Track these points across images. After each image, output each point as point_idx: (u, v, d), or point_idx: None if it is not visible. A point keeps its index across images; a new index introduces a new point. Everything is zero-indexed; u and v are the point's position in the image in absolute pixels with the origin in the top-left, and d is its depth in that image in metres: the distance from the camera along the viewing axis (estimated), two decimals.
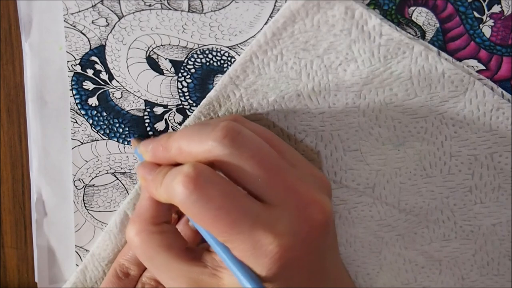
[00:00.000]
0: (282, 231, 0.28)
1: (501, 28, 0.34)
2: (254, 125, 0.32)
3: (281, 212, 0.28)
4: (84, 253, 0.37)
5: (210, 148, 0.28)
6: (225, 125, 0.29)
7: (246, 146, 0.28)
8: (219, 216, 0.27)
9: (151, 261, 0.31)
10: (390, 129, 0.34)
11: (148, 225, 0.32)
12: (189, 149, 0.29)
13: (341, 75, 0.33)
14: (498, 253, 0.37)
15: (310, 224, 0.28)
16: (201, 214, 0.28)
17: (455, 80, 0.33)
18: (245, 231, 0.27)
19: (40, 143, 0.35)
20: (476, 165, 0.35)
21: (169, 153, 0.31)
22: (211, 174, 0.28)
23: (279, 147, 0.30)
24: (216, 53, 0.34)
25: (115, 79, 0.35)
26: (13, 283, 0.38)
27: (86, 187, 0.36)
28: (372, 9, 0.34)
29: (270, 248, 0.27)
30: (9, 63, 0.35)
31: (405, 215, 0.36)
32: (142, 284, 0.35)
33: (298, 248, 0.28)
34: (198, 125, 0.30)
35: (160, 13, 0.34)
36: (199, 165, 0.28)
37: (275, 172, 0.29)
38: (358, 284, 0.37)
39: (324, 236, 0.29)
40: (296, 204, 0.28)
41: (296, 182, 0.29)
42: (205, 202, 0.27)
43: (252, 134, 0.29)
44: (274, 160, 0.29)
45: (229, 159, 0.28)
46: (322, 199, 0.29)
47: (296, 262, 0.28)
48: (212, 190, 0.27)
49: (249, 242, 0.27)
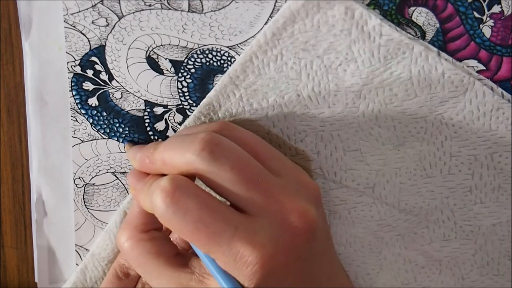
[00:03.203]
0: (262, 241, 0.28)
1: (501, 28, 0.34)
2: (243, 131, 0.32)
3: (261, 222, 0.28)
4: (84, 252, 0.37)
5: (189, 161, 0.28)
6: (203, 137, 0.29)
7: (225, 157, 0.28)
8: (197, 229, 0.28)
9: (141, 267, 0.31)
10: (390, 129, 0.34)
11: (137, 232, 0.32)
12: (172, 161, 0.29)
13: (341, 75, 0.33)
14: (498, 253, 0.37)
15: (292, 232, 0.28)
16: (180, 227, 0.28)
17: (455, 81, 0.33)
18: (225, 243, 0.27)
19: (40, 143, 0.35)
20: (476, 165, 0.35)
21: (154, 166, 0.31)
22: (188, 187, 0.28)
23: (265, 156, 0.31)
24: (216, 53, 0.34)
25: (115, 79, 0.35)
26: (13, 283, 0.38)
27: (86, 186, 0.36)
28: (372, 9, 0.33)
29: (250, 259, 0.27)
30: (9, 63, 0.35)
31: (405, 215, 0.36)
32: (142, 284, 0.35)
33: (281, 257, 0.28)
34: (180, 137, 0.30)
35: (160, 13, 0.34)
36: (177, 178, 0.28)
37: (255, 182, 0.29)
38: (358, 284, 0.37)
39: (309, 242, 0.29)
40: (276, 213, 0.28)
41: (277, 191, 0.29)
42: (183, 215, 0.28)
43: (232, 145, 0.29)
44: (254, 170, 0.29)
45: (208, 171, 0.28)
46: (304, 206, 0.29)
47: (281, 271, 0.28)
48: (189, 203, 0.28)
49: (229, 254, 0.28)
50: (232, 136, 0.30)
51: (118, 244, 0.32)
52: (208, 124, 0.33)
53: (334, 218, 0.36)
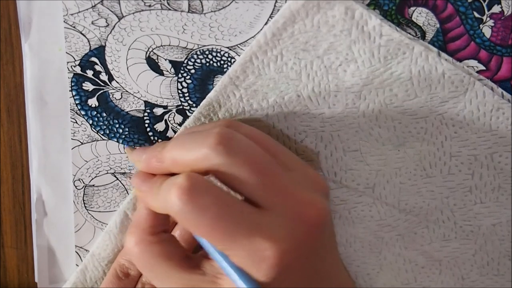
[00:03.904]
0: (279, 235, 0.28)
1: (501, 28, 0.34)
2: (249, 128, 0.32)
3: (277, 216, 0.28)
4: (84, 253, 0.37)
5: (204, 156, 0.28)
6: (217, 131, 0.29)
7: (239, 151, 0.28)
8: (215, 225, 0.27)
9: (151, 271, 0.31)
10: (390, 130, 0.34)
11: (146, 235, 0.32)
12: (183, 159, 0.29)
13: (341, 76, 0.33)
14: (498, 253, 0.37)
15: (306, 225, 0.29)
16: (198, 224, 0.28)
17: (455, 81, 0.33)
18: (242, 239, 0.27)
19: (40, 143, 0.35)
20: (476, 165, 0.35)
21: (163, 165, 0.31)
22: (205, 184, 0.28)
23: (273, 150, 0.31)
24: (216, 54, 0.34)
25: (115, 80, 0.35)
26: (13, 283, 0.38)
27: (86, 187, 0.36)
28: (372, 10, 0.33)
29: (268, 253, 0.27)
30: (9, 63, 0.35)
31: (405, 215, 0.36)
32: (142, 284, 0.35)
33: (296, 251, 0.28)
34: (190, 134, 0.30)
35: (160, 13, 0.34)
36: (193, 175, 0.28)
37: (269, 176, 0.29)
38: (358, 284, 0.37)
39: (321, 235, 0.29)
40: (291, 206, 0.29)
41: (290, 184, 0.29)
42: (200, 213, 0.28)
43: (245, 139, 0.29)
44: (267, 164, 0.29)
45: (224, 166, 0.28)
46: (316, 199, 0.29)
47: (295, 265, 0.28)
48: (206, 200, 0.28)
49: (246, 249, 0.28)
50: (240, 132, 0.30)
51: (127, 249, 0.32)
52: (215, 122, 0.33)
53: (334, 218, 0.36)
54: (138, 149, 0.33)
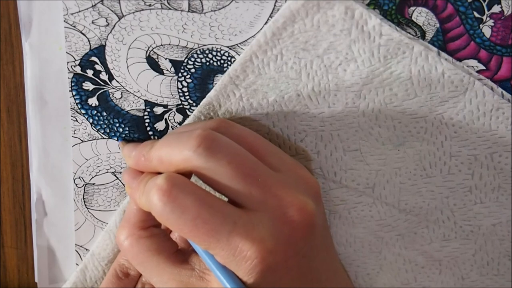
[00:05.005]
0: (261, 235, 0.28)
1: (501, 28, 0.34)
2: (241, 128, 0.32)
3: (260, 217, 0.28)
4: (84, 252, 0.37)
5: (186, 157, 0.28)
6: (199, 133, 0.29)
7: (221, 153, 0.28)
8: (196, 225, 0.28)
9: (141, 265, 0.31)
10: (390, 129, 0.34)
11: (136, 230, 0.32)
12: (169, 159, 0.29)
13: (341, 75, 0.33)
14: (498, 253, 0.37)
15: (291, 227, 0.28)
16: (178, 224, 0.28)
17: (455, 80, 0.33)
18: (223, 239, 0.28)
19: (40, 143, 0.35)
20: (476, 165, 0.35)
21: (151, 164, 0.31)
22: (185, 184, 0.28)
23: (262, 151, 0.31)
24: (216, 53, 0.34)
25: (115, 79, 0.35)
26: (13, 283, 0.38)
27: (86, 186, 0.36)
28: (372, 9, 0.34)
29: (249, 253, 0.27)
30: (9, 63, 0.35)
31: (405, 215, 0.36)
32: (142, 284, 0.35)
33: (280, 251, 0.28)
34: (177, 134, 0.30)
35: (160, 13, 0.34)
36: (173, 176, 0.28)
37: (253, 177, 0.29)
38: (358, 284, 0.37)
39: (308, 237, 0.29)
40: (275, 207, 0.29)
41: (275, 185, 0.29)
42: (180, 213, 0.28)
43: (228, 141, 0.29)
44: (251, 165, 0.29)
45: (206, 167, 0.28)
46: (302, 200, 0.29)
47: (280, 266, 0.28)
48: (187, 201, 0.28)
49: (228, 249, 0.28)
50: (230, 133, 0.30)
51: (118, 243, 0.32)
52: (206, 121, 0.33)
53: (334, 218, 0.36)
54: (130, 144, 0.34)
